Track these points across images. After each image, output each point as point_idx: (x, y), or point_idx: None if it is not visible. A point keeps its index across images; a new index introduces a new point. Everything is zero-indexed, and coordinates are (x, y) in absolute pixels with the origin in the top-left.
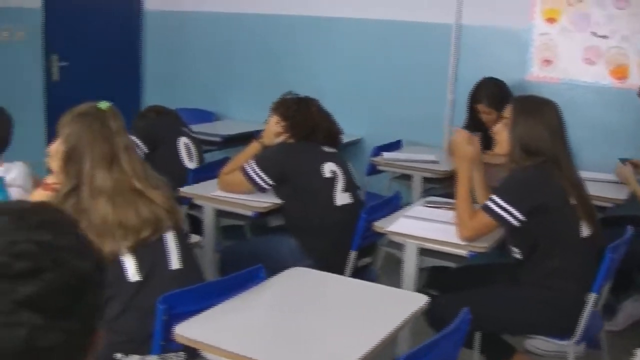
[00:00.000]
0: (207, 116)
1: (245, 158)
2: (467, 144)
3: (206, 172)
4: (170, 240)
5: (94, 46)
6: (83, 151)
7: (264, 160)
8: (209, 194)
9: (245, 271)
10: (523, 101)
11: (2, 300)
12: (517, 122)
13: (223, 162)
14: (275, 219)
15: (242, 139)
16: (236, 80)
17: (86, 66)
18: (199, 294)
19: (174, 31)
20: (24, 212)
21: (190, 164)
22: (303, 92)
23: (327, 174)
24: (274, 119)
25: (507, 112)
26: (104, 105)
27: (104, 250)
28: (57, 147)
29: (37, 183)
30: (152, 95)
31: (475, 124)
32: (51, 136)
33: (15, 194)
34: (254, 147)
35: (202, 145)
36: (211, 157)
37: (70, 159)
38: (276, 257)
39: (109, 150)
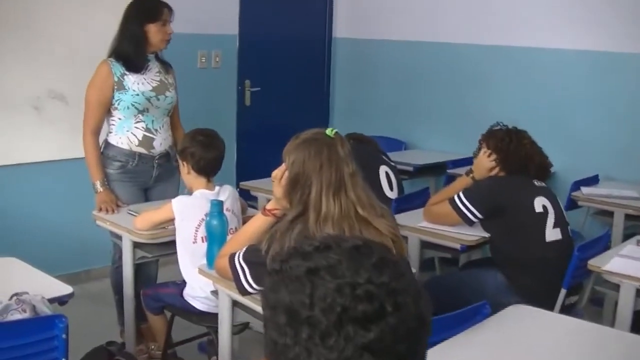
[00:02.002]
0: (396, 145)
1: (455, 191)
2: None
3: (408, 202)
4: None
5: (284, 72)
6: (310, 177)
7: (474, 193)
8: (416, 225)
9: (470, 307)
10: None
11: (347, 344)
12: None
13: (424, 192)
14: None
15: (435, 169)
16: (425, 109)
17: (276, 92)
18: None
19: (363, 59)
20: (358, 252)
21: (391, 194)
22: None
23: (539, 209)
24: (485, 152)
25: None
26: (331, 131)
27: None
28: (281, 173)
29: (243, 206)
30: (340, 122)
31: None
32: (240, 160)
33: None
34: (463, 180)
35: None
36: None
37: (297, 185)
38: (481, 292)
39: (337, 177)
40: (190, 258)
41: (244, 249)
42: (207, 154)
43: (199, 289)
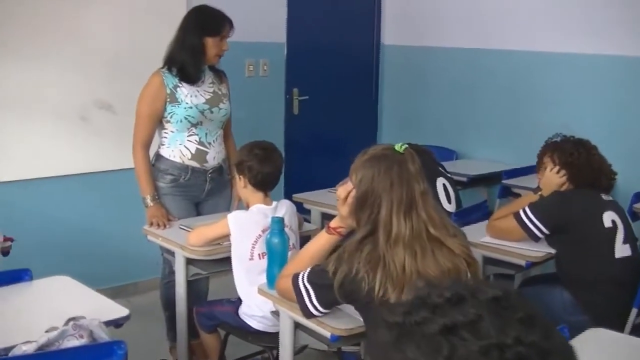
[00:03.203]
0: (447, 154)
1: (521, 207)
2: None
3: (467, 215)
4: None
5: (333, 80)
6: (380, 196)
7: (541, 208)
8: (479, 240)
9: None
10: None
11: None
12: None
13: (482, 205)
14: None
15: (488, 179)
16: (476, 118)
17: (324, 100)
18: None
19: (412, 66)
20: (500, 305)
21: (449, 207)
22: (549, 132)
23: (608, 224)
24: (553, 168)
25: None
26: (400, 147)
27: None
28: (347, 191)
29: (300, 222)
30: (389, 131)
31: None
32: (289, 170)
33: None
34: (531, 198)
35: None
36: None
37: (365, 203)
38: (546, 311)
39: (408, 195)
40: (246, 275)
41: (309, 269)
42: (265, 168)
43: (256, 308)
